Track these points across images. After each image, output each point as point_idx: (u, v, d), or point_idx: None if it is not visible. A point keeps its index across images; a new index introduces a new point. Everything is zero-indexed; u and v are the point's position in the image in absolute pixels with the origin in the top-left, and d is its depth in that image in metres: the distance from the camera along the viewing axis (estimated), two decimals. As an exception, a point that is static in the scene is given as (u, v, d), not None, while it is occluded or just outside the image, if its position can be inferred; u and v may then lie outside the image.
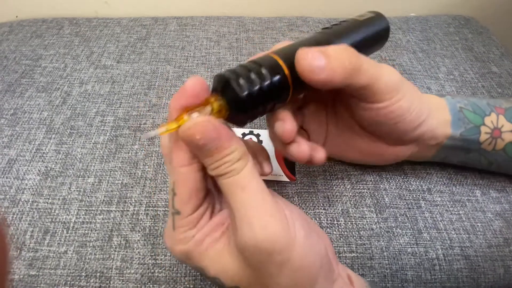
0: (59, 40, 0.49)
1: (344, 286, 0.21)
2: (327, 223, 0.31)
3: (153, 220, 0.31)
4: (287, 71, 0.21)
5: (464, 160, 0.32)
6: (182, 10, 0.57)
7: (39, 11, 0.55)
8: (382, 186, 0.33)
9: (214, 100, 0.20)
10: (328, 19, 0.54)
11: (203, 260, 0.20)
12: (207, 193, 0.21)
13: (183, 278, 0.28)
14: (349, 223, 0.31)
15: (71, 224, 0.30)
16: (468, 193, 0.33)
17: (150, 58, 0.46)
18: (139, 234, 0.30)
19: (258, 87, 0.20)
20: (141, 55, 0.47)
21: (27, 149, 0.35)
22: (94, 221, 0.31)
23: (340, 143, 0.30)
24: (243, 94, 0.19)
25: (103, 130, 0.38)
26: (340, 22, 0.27)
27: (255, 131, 0.37)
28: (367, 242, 0.30)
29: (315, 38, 0.25)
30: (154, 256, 0.29)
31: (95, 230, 0.30)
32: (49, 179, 0.33)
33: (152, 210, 0.31)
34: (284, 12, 0.58)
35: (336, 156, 0.33)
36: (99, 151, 0.36)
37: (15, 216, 0.31)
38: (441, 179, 0.34)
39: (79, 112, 0.39)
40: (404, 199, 0.33)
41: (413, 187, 0.33)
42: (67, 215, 0.31)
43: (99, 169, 0.34)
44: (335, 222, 0.31)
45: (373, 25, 0.28)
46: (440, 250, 0.30)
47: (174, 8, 0.57)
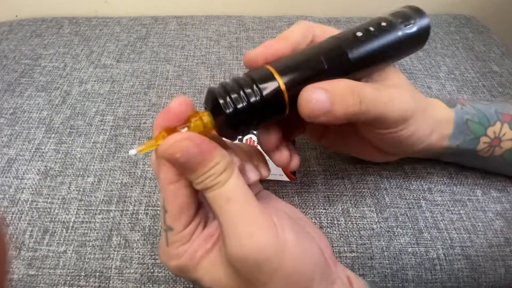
0: (58, 39, 0.49)
1: (343, 287, 0.21)
2: (327, 222, 0.31)
3: (152, 219, 0.31)
4: (284, 88, 0.20)
5: (457, 160, 0.33)
6: (182, 9, 0.57)
7: (39, 11, 0.55)
8: (382, 185, 0.33)
9: (202, 114, 0.20)
10: (328, 18, 0.54)
11: (197, 272, 0.20)
12: (199, 206, 0.21)
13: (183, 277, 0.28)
14: (349, 222, 0.31)
15: (71, 224, 0.30)
16: (469, 192, 0.33)
17: (150, 58, 0.46)
18: (139, 233, 0.30)
19: (246, 105, 0.19)
20: (141, 55, 0.47)
21: (26, 148, 0.35)
22: (94, 220, 0.31)
23: (337, 139, 0.31)
24: (228, 111, 0.19)
25: (102, 129, 0.37)
26: (370, 23, 0.23)
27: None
28: (367, 241, 0.30)
29: (333, 49, 0.22)
30: (153, 256, 0.29)
31: (95, 230, 0.30)
32: (48, 178, 0.33)
33: (151, 209, 0.31)
34: (284, 11, 0.58)
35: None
36: (98, 151, 0.36)
37: (14, 215, 0.31)
38: (441, 179, 0.34)
39: (78, 112, 0.39)
40: (405, 198, 0.32)
41: (413, 187, 0.33)
42: (66, 214, 0.31)
43: (98, 168, 0.34)
44: (336, 222, 0.31)
45: (408, 26, 0.23)
46: (440, 250, 0.30)
47: (174, 7, 0.57)
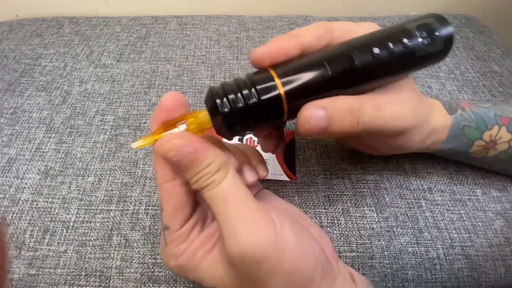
0: (59, 39, 0.49)
1: (345, 283, 0.21)
2: (327, 222, 0.31)
3: (153, 219, 0.31)
4: (282, 93, 0.20)
5: (449, 158, 0.33)
6: (182, 9, 0.57)
7: (39, 10, 0.55)
8: (382, 185, 0.33)
9: (200, 113, 0.20)
10: (328, 18, 0.54)
11: (198, 272, 0.20)
12: (196, 205, 0.21)
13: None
14: (349, 222, 0.31)
15: (71, 223, 0.30)
16: (469, 192, 0.33)
17: (150, 57, 0.46)
18: (139, 233, 0.30)
19: (243, 106, 0.19)
20: (141, 54, 0.47)
21: (27, 148, 0.35)
22: (94, 220, 0.31)
23: None
24: (224, 111, 0.19)
25: (103, 129, 0.38)
26: (390, 36, 0.21)
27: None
28: (367, 241, 0.30)
29: (343, 57, 0.21)
30: (154, 255, 0.29)
31: (95, 229, 0.30)
32: (49, 178, 0.33)
33: (152, 209, 0.31)
34: (285, 11, 0.58)
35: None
36: (99, 150, 0.36)
37: (14, 215, 0.31)
38: (441, 179, 0.34)
39: (79, 111, 0.39)
40: (405, 198, 0.32)
41: (413, 186, 0.33)
42: (67, 214, 0.31)
43: (99, 168, 0.34)
44: (336, 222, 0.31)
45: (430, 42, 0.21)
46: (441, 250, 0.30)
47: (174, 7, 0.57)
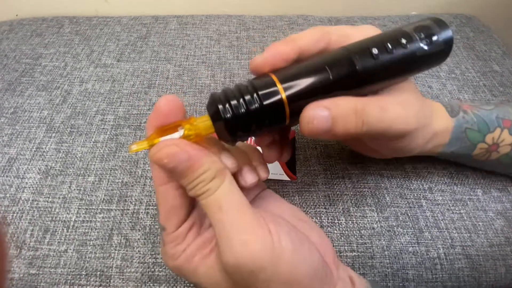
0: (59, 38, 0.49)
1: None
2: (328, 222, 0.31)
3: (153, 219, 0.31)
4: (284, 98, 0.20)
5: (451, 160, 0.33)
6: (183, 8, 0.57)
7: (39, 10, 0.55)
8: (383, 185, 0.33)
9: (197, 119, 0.20)
10: (328, 18, 0.54)
11: (196, 276, 0.20)
12: (192, 208, 0.21)
13: (184, 277, 0.28)
14: (350, 222, 0.31)
15: (71, 223, 0.30)
16: (470, 192, 0.33)
17: (151, 57, 0.46)
18: (139, 233, 0.30)
19: (245, 112, 0.19)
20: (141, 54, 0.47)
21: (27, 147, 0.35)
22: (94, 220, 0.31)
23: None
24: (226, 117, 0.19)
25: (103, 129, 0.38)
26: (389, 37, 0.22)
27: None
28: (368, 241, 0.30)
29: (346, 60, 0.21)
30: (154, 255, 0.29)
31: (95, 229, 0.30)
32: (49, 177, 0.33)
33: (152, 209, 0.31)
34: (285, 10, 0.58)
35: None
36: (99, 150, 0.36)
37: (15, 215, 0.31)
38: (442, 178, 0.34)
39: (79, 111, 0.39)
40: (405, 198, 0.32)
41: (414, 186, 0.33)
42: (67, 214, 0.31)
43: (99, 168, 0.34)
44: (336, 221, 0.31)
45: (429, 44, 0.21)
46: (441, 249, 0.30)
47: (174, 6, 0.57)
